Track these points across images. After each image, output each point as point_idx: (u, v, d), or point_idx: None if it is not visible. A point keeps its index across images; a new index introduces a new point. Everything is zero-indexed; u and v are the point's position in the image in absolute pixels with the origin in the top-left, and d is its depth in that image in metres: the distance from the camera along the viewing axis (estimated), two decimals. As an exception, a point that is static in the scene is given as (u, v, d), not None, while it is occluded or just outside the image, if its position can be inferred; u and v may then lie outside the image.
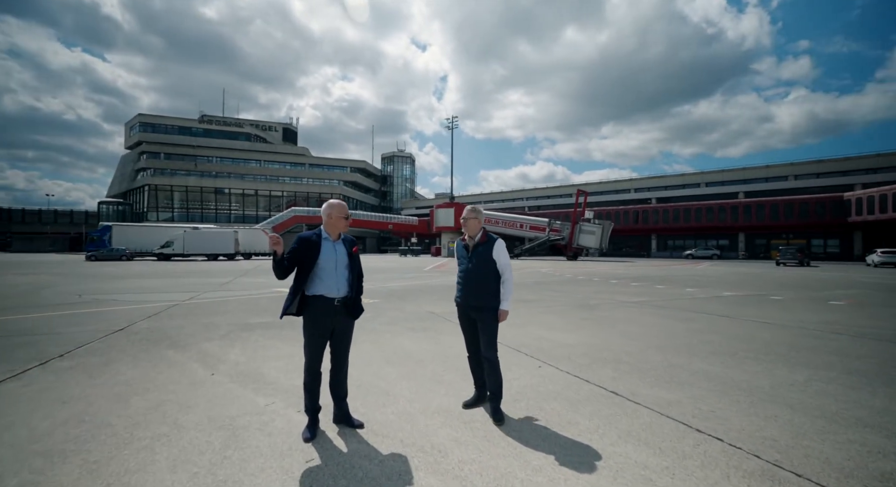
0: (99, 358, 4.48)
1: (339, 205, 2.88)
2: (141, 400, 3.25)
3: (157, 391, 3.48)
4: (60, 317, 7.07)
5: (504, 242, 3.13)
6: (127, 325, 6.40)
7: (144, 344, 5.17)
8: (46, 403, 3.18)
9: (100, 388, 3.54)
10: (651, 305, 9.14)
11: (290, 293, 2.79)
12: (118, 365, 4.23)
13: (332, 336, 2.85)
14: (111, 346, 5.06)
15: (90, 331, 5.90)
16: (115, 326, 6.31)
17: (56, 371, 4.05)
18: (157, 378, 3.83)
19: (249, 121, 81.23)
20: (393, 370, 4.17)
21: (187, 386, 3.60)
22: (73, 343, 5.20)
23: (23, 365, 4.22)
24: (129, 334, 5.78)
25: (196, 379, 3.84)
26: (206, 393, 3.45)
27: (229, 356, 4.67)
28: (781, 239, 44.54)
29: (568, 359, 4.60)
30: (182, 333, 5.85)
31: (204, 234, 38.34)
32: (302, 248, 2.74)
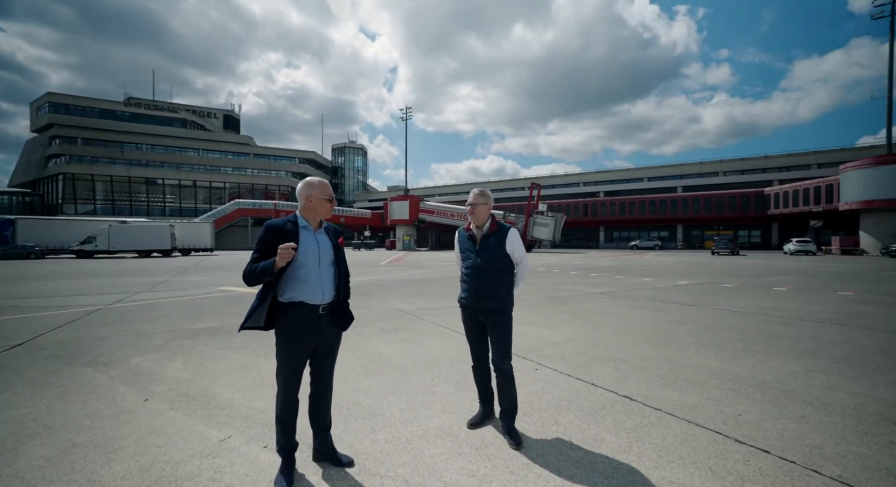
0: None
1: (320, 184, 2.24)
2: (39, 447, 2.43)
3: (66, 429, 2.66)
4: (-60, 331, 5.70)
5: (516, 230, 2.65)
6: (30, 338, 5.24)
7: (53, 363, 4.17)
8: None
9: None
10: (619, 296, 9.17)
11: (258, 299, 2.14)
12: (8, 395, 3.28)
13: (315, 353, 2.24)
14: (3, 367, 4.01)
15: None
16: (11, 340, 5.14)
17: (-79, 406, 3.05)
18: (67, 409, 2.98)
19: (185, 106, 74.49)
20: (374, 382, 3.59)
21: (110, 420, 2.80)
22: (-48, 365, 4.08)
23: None
24: (31, 350, 4.69)
25: (123, 407, 3.03)
26: (138, 427, 2.68)
27: (168, 372, 3.84)
28: (713, 230, 48.23)
29: (563, 359, 4.26)
30: (105, 345, 4.85)
31: (133, 229, 34.60)
32: (274, 240, 2.09)
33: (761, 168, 53.71)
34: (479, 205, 2.59)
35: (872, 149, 44.74)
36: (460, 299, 2.69)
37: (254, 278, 2.07)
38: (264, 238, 2.12)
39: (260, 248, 2.11)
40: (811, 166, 50.12)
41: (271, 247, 2.08)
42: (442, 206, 54.41)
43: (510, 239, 2.58)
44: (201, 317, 6.69)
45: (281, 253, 2.00)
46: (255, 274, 2.06)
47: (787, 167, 51.98)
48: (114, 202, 60.01)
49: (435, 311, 7.26)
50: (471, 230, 2.67)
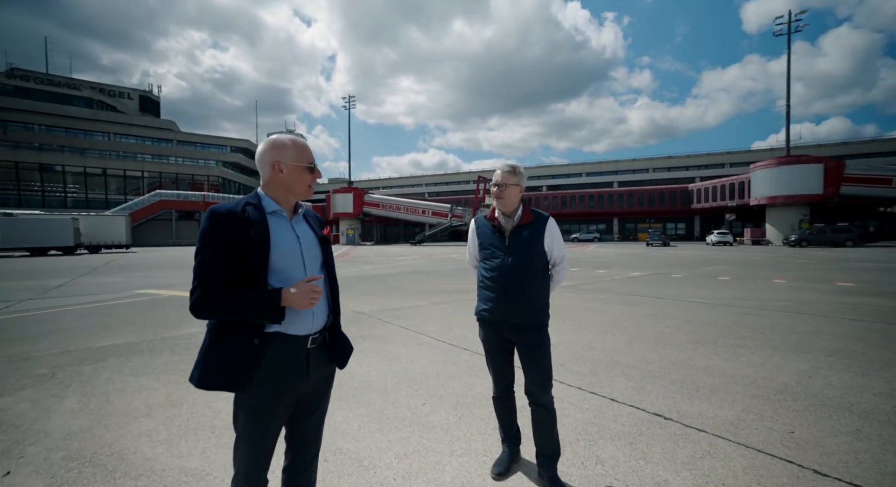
0: None
1: (295, 145, 1.42)
2: None
3: None
4: None
5: (555, 222, 2.04)
6: None
7: None
8: None
9: None
10: (584, 290, 9.02)
11: (219, 337, 1.30)
12: None
13: (297, 407, 1.44)
14: None
15: None
16: None
17: None
18: None
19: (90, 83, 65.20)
20: (351, 413, 2.83)
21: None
22: None
23: None
24: None
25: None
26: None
27: (53, 419, 2.78)
28: (645, 223, 51.78)
29: (563, 367, 3.77)
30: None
31: (24, 222, 29.50)
32: (228, 235, 1.28)
33: (685, 165, 58.58)
34: (510, 185, 1.93)
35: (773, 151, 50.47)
36: (480, 312, 2.03)
37: (228, 312, 1.26)
38: (211, 232, 1.28)
39: (209, 252, 1.27)
40: (725, 165, 55.56)
41: (228, 247, 1.27)
42: (388, 199, 53.02)
43: (549, 231, 1.96)
44: (110, 331, 5.38)
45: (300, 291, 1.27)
46: (237, 307, 1.25)
47: (705, 165, 57.18)
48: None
49: (400, 313, 6.53)
50: (496, 219, 2.01)
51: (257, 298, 1.26)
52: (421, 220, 49.30)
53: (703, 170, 56.44)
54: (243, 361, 1.28)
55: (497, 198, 1.95)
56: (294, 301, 1.26)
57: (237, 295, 1.26)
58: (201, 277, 1.26)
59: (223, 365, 1.29)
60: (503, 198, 1.94)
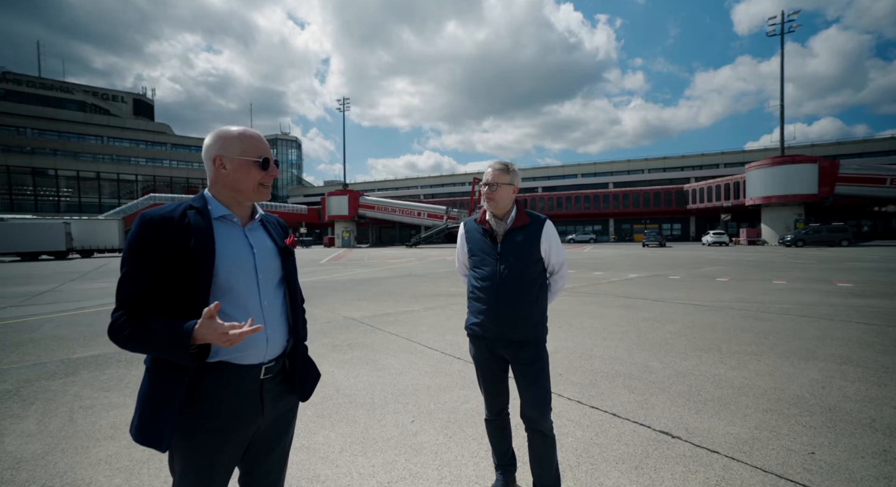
0: None
1: (241, 136, 1.19)
2: None
3: None
4: None
5: (553, 224, 1.83)
6: None
7: None
8: None
9: None
10: (581, 293, 8.84)
11: (154, 369, 1.10)
12: None
13: (250, 450, 1.22)
14: None
15: None
16: None
17: None
18: None
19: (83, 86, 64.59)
20: (333, 433, 2.61)
21: None
22: None
23: None
24: None
25: None
26: None
27: (6, 443, 2.54)
28: (641, 223, 51.77)
29: (562, 378, 3.56)
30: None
31: (13, 226, 29.07)
32: (160, 247, 1.07)
33: (680, 166, 58.69)
34: (502, 185, 1.72)
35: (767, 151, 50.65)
36: (471, 327, 1.82)
37: (136, 346, 1.04)
38: (138, 242, 1.06)
39: (133, 267, 1.06)
40: (719, 165, 55.70)
41: (159, 261, 1.06)
42: (383, 201, 52.76)
43: (546, 235, 1.76)
44: (89, 341, 5.13)
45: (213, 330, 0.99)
46: (144, 343, 1.04)
47: (700, 166, 57.31)
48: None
49: (391, 319, 6.31)
50: (486, 222, 1.80)
51: (169, 332, 1.02)
52: (416, 222, 49.04)
53: (697, 170, 56.58)
54: (171, 409, 1.06)
55: (488, 199, 1.74)
56: (207, 338, 1.01)
57: (149, 327, 1.03)
58: (121, 299, 1.05)
59: (150, 413, 1.08)
60: (495, 199, 1.73)
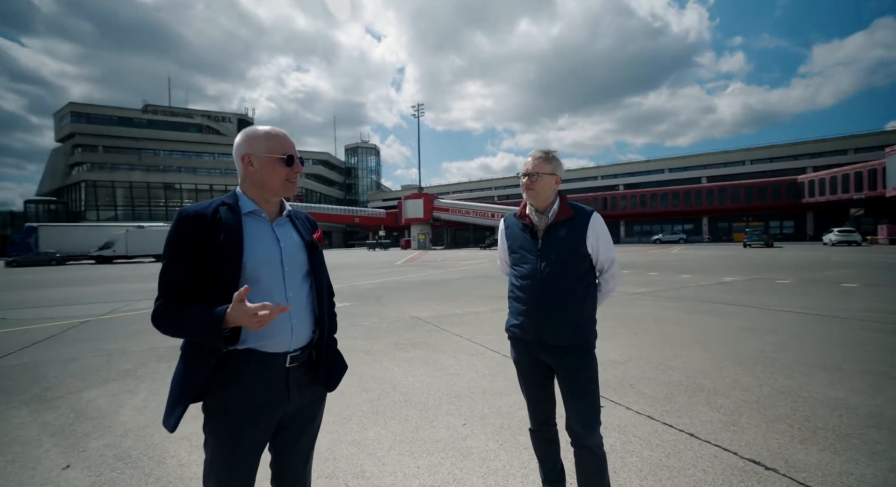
0: None
1: (267, 136, 1.25)
2: None
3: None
4: None
5: (601, 217, 1.66)
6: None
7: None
8: None
9: None
10: (664, 297, 8.04)
11: (194, 353, 1.17)
12: None
13: (278, 435, 1.27)
14: (-69, 406, 3.22)
15: (-81, 377, 3.97)
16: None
17: None
18: (-46, 486, 2.12)
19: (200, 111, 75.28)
20: (384, 430, 2.64)
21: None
22: None
23: None
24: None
25: (24, 483, 2.15)
26: (29, 525, 1.80)
27: (120, 414, 2.97)
28: (742, 221, 45.87)
29: (632, 389, 3.24)
30: (66, 372, 4.04)
31: (150, 233, 34.73)
32: (195, 240, 1.14)
33: (792, 155, 50.99)
34: (543, 175, 1.60)
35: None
36: (510, 328, 1.71)
37: (175, 331, 1.13)
38: (175, 237, 1.15)
39: (171, 259, 1.15)
40: (847, 151, 47.30)
41: (194, 254, 1.14)
42: (457, 203, 53.45)
43: (593, 229, 1.59)
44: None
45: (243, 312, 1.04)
46: (181, 328, 1.12)
47: (819, 153, 49.20)
48: (133, 207, 60.94)
49: (457, 319, 6.29)
50: (527, 217, 1.68)
51: (202, 318, 1.09)
52: (490, 224, 48.84)
53: (816, 158, 48.61)
54: (188, 393, 1.15)
55: (528, 190, 1.62)
56: (239, 321, 1.06)
57: (186, 313, 1.11)
58: (161, 288, 1.14)
59: (171, 395, 1.17)
60: (535, 190, 1.61)
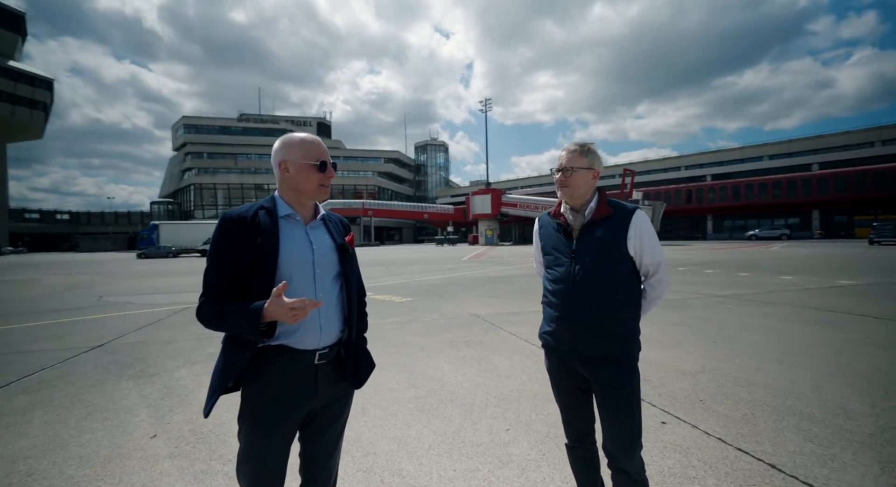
0: (24, 400, 3.28)
1: (302, 143, 1.31)
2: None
3: (43, 480, 2.14)
4: (50, 327, 6.15)
5: (647, 215, 1.49)
6: (112, 339, 5.31)
7: (108, 371, 3.97)
8: None
9: (-30, 469, 2.26)
10: (754, 301, 7.10)
11: (231, 346, 1.26)
12: (38, 416, 2.98)
13: (306, 428, 1.34)
14: (65, 374, 3.89)
15: (61, 350, 4.82)
16: (95, 341, 5.23)
17: (-44, 423, 2.86)
18: (66, 448, 2.51)
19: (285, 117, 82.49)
20: (426, 429, 2.65)
21: (96, 468, 2.24)
22: (27, 367, 4.09)
23: (-73, 410, 3.08)
24: (102, 353, 4.64)
25: (123, 445, 2.49)
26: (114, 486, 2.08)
27: (201, 392, 3.34)
28: (868, 214, 38.95)
29: (702, 405, 2.90)
30: (163, 353, 4.64)
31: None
32: (237, 241, 1.22)
33: (938, 133, 42.16)
34: (578, 169, 1.46)
35: None
36: (543, 335, 1.59)
37: (217, 326, 1.21)
38: (218, 238, 1.24)
39: (213, 259, 1.24)
40: None
41: (237, 254, 1.22)
42: (525, 199, 52.30)
43: (635, 228, 1.42)
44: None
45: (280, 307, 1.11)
46: (222, 322, 1.20)
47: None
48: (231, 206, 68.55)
49: (516, 318, 6.14)
50: (561, 215, 1.55)
51: (242, 312, 1.17)
52: (559, 219, 47.17)
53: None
54: (223, 383, 1.23)
55: (561, 186, 1.49)
56: (276, 315, 1.13)
57: (227, 308, 1.20)
58: (205, 286, 1.24)
59: (223, 374, 1.25)
60: (569, 187, 1.47)
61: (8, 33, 59.59)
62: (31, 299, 9.59)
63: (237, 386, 1.29)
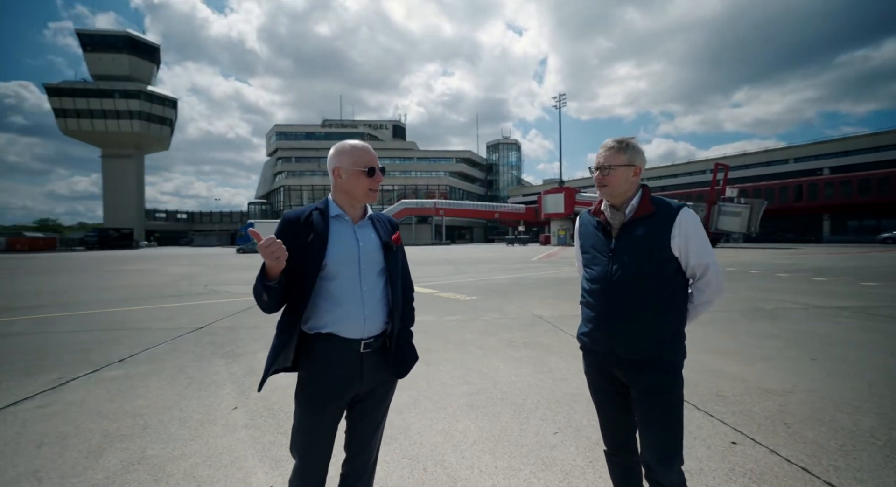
0: (145, 368, 3.92)
1: (353, 150, 1.44)
2: (120, 452, 2.34)
3: (147, 437, 2.56)
4: (163, 310, 7.23)
5: (695, 213, 1.38)
6: (211, 322, 6.11)
7: (205, 349, 4.59)
8: (7, 451, 2.46)
9: (99, 422, 2.77)
10: (875, 315, 6.03)
11: (280, 331, 1.43)
12: (153, 382, 3.55)
13: (353, 408, 1.47)
14: (173, 350, 4.57)
15: (171, 329, 5.66)
16: (199, 323, 6.05)
17: (95, 383, 3.52)
18: (171, 409, 2.97)
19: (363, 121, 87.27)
20: (474, 425, 2.69)
21: (189, 431, 2.63)
22: (143, 343, 4.88)
23: (76, 370, 3.83)
24: (202, 334, 5.37)
25: (210, 414, 2.88)
26: (201, 448, 2.42)
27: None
28: None
29: (785, 427, 2.57)
30: (250, 336, 5.22)
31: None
32: (291, 237, 1.38)
33: None
34: (616, 167, 1.40)
35: None
36: (580, 337, 1.56)
37: (256, 296, 1.38)
38: (280, 234, 1.40)
39: None
40: None
41: (290, 247, 1.36)
42: (600, 197, 49.63)
43: (680, 227, 1.33)
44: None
45: (265, 248, 1.25)
46: (255, 289, 1.38)
47: None
48: (315, 207, 74.52)
49: (579, 322, 5.90)
50: (601, 213, 1.50)
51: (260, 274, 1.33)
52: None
53: None
54: (293, 351, 1.40)
55: (600, 185, 1.44)
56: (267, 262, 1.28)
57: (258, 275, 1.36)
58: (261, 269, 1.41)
59: (275, 354, 1.42)
60: (608, 185, 1.42)
61: (147, 63, 72.09)
62: (154, 286, 11.33)
63: (295, 368, 1.45)
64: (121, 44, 69.58)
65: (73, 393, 3.28)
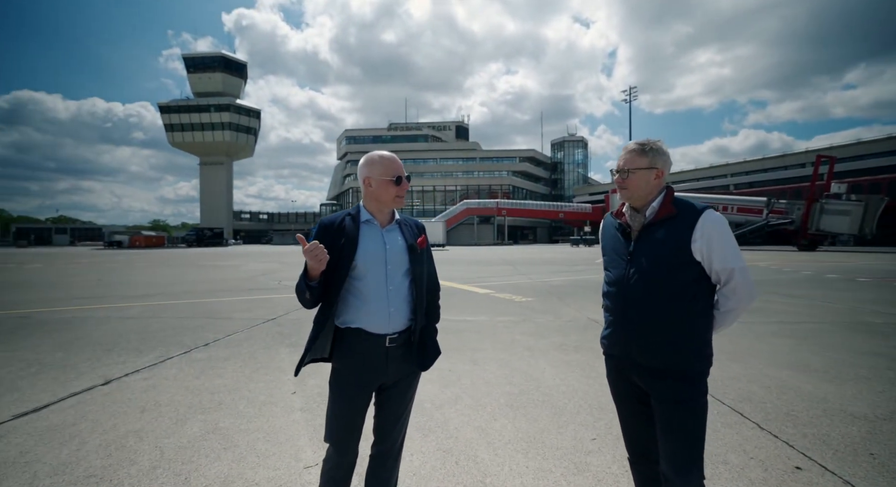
0: (224, 352, 4.44)
1: (381, 160, 1.56)
2: (193, 427, 2.70)
3: (221, 411, 2.93)
4: (244, 302, 8.06)
5: (721, 216, 1.32)
6: (281, 314, 6.71)
7: (273, 339, 5.08)
8: (120, 412, 2.94)
9: (186, 395, 3.22)
10: None
11: (315, 324, 1.60)
12: (230, 365, 4.02)
13: (380, 397, 1.61)
14: (248, 338, 5.11)
15: (248, 319, 6.31)
16: (271, 314, 6.68)
17: (186, 363, 4.07)
18: (240, 390, 3.36)
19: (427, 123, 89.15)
20: (511, 425, 2.72)
21: (253, 409, 2.96)
22: (226, 331, 5.50)
23: (172, 351, 4.46)
24: (273, 325, 5.92)
25: (273, 396, 3.21)
26: (263, 424, 2.72)
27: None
28: None
29: (870, 458, 2.27)
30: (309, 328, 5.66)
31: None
32: (325, 241, 1.53)
33: None
34: (636, 170, 1.37)
35: None
36: (602, 341, 1.53)
37: (298, 293, 1.55)
38: (316, 237, 1.57)
39: None
40: None
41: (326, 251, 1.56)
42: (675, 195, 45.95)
43: (702, 230, 1.28)
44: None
45: (308, 252, 1.40)
46: (298, 287, 1.55)
47: None
48: (381, 207, 77.67)
49: (638, 328, 5.60)
50: (622, 216, 1.47)
51: (302, 274, 1.48)
52: (722, 218, 40.06)
53: None
54: (329, 342, 1.56)
55: (620, 188, 1.41)
56: (309, 264, 1.42)
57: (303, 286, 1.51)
58: None
59: (316, 344, 1.58)
60: (628, 189, 1.40)
61: (236, 78, 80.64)
62: (238, 280, 12.62)
63: (330, 358, 1.62)
64: (216, 63, 78.33)
65: (169, 370, 3.83)
